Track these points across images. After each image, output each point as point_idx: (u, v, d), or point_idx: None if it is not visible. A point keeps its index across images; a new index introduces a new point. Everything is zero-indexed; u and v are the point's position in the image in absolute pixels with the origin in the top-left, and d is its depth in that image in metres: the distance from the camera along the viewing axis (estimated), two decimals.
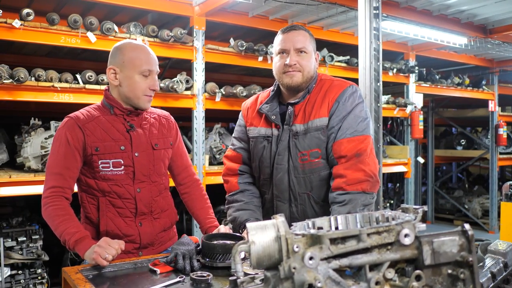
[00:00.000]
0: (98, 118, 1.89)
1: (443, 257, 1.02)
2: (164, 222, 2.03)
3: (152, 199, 1.96)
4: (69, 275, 1.53)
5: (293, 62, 1.97)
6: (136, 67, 1.86)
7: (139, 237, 1.93)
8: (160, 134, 2.02)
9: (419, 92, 6.63)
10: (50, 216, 1.80)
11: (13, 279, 3.74)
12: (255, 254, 1.05)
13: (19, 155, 3.89)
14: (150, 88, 1.90)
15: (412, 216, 1.11)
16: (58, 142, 1.85)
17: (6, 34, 3.54)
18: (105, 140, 1.86)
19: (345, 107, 1.94)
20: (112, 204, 1.90)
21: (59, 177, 1.83)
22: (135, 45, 1.93)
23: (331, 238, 1.03)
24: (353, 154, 1.89)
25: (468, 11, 5.03)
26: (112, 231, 1.89)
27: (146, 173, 1.94)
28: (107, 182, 1.87)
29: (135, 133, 1.92)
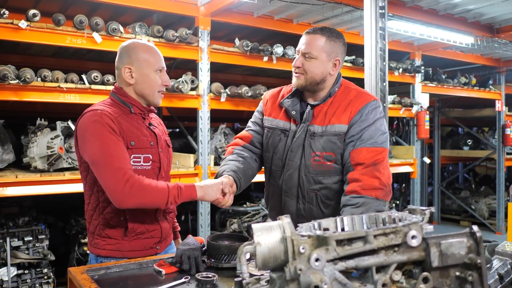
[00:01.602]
0: (123, 115, 1.88)
1: (451, 259, 1.01)
2: (172, 216, 2.11)
3: None
4: (75, 276, 1.53)
5: (297, 64, 2.04)
6: (151, 65, 1.92)
7: (160, 231, 1.97)
8: (164, 133, 2.12)
9: (425, 92, 6.59)
10: (151, 191, 1.74)
11: (19, 279, 3.76)
12: (260, 255, 1.04)
13: (26, 155, 3.90)
14: (163, 84, 1.97)
15: (419, 217, 1.10)
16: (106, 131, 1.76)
17: (13, 35, 3.56)
18: (137, 135, 1.88)
19: (367, 118, 1.99)
20: None
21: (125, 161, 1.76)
22: (147, 45, 1.99)
23: (337, 240, 1.02)
24: (371, 163, 1.94)
25: (475, 10, 4.99)
26: (138, 228, 1.89)
27: (166, 169, 2.03)
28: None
29: (156, 130, 2.00)
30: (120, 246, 1.88)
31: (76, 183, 3.82)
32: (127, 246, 1.88)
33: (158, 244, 2.00)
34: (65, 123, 3.96)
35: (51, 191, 3.72)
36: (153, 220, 1.94)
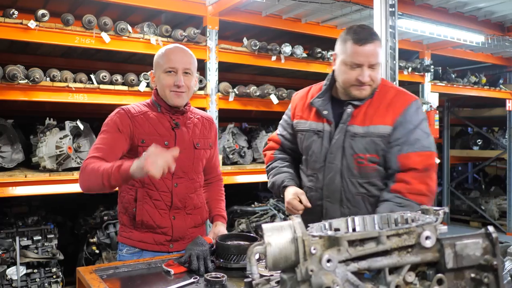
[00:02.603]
0: (147, 113, 2.03)
1: (466, 261, 0.99)
2: (195, 219, 2.12)
3: (187, 195, 2.06)
4: (84, 275, 1.52)
5: (367, 78, 1.92)
6: (160, 67, 2.02)
7: (172, 229, 2.01)
8: (201, 135, 2.14)
9: (435, 91, 6.53)
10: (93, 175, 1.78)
11: (28, 278, 3.77)
12: (271, 255, 1.03)
13: (35, 155, 3.91)
14: (174, 84, 1.98)
15: (433, 218, 1.08)
16: (107, 126, 1.98)
17: (22, 35, 3.57)
18: (151, 134, 1.98)
19: (412, 121, 1.93)
20: (149, 195, 1.99)
21: (100, 151, 1.89)
22: (165, 49, 2.07)
23: (349, 240, 1.01)
24: (423, 168, 1.89)
25: (486, 9, 4.94)
26: (147, 222, 1.98)
27: (186, 170, 2.04)
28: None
29: (179, 131, 2.04)
30: (132, 235, 2.02)
31: None
32: (137, 236, 2.01)
33: (172, 243, 2.03)
34: (74, 122, 3.97)
35: (60, 191, 3.73)
36: (165, 216, 2.00)
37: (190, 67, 2.02)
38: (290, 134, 2.21)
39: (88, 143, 4.23)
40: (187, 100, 2.08)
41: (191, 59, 2.06)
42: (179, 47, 2.09)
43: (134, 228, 2.01)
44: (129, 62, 5.30)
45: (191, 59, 2.07)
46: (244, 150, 4.86)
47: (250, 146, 5.12)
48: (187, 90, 2.02)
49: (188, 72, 2.01)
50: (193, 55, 2.11)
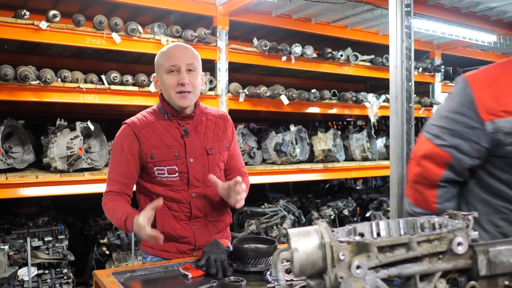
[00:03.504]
0: (154, 124, 1.92)
1: (500, 268, 0.96)
2: (218, 225, 2.04)
3: (207, 204, 1.97)
4: (101, 279, 1.51)
5: None
6: (161, 67, 1.91)
7: (194, 238, 1.95)
8: (215, 138, 2.00)
9: (445, 91, 6.48)
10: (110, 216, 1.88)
11: (39, 279, 3.77)
12: (298, 261, 1.00)
13: (46, 155, 3.92)
14: (178, 83, 1.86)
15: (463, 223, 1.05)
16: (115, 150, 1.93)
17: (33, 36, 3.57)
18: (160, 147, 1.88)
19: None
20: (168, 207, 1.93)
21: (115, 183, 1.91)
22: (164, 48, 1.97)
23: (379, 246, 0.98)
24: None
25: (498, 8, 4.88)
26: (168, 232, 1.92)
27: (201, 178, 1.94)
28: (163, 187, 1.91)
29: (189, 138, 1.93)
30: (154, 245, 1.94)
31: (95, 183, 3.82)
32: (160, 246, 1.90)
33: (195, 251, 1.98)
34: (84, 123, 3.97)
35: (70, 192, 3.73)
36: (185, 227, 1.95)
37: (193, 63, 1.90)
38: (478, 146, 1.48)
39: (98, 144, 4.23)
40: (195, 100, 1.94)
41: (193, 54, 1.93)
42: (179, 44, 1.97)
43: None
44: (139, 63, 5.30)
45: (194, 54, 1.94)
46: (254, 151, 4.84)
47: (259, 146, 5.10)
48: (193, 89, 1.88)
49: (191, 69, 1.89)
50: (195, 51, 1.97)
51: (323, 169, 5.18)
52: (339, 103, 5.47)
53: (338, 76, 5.95)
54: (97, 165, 4.02)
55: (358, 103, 5.49)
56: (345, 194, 6.61)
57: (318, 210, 5.62)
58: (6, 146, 3.75)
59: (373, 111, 5.41)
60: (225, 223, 2.08)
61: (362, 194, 6.69)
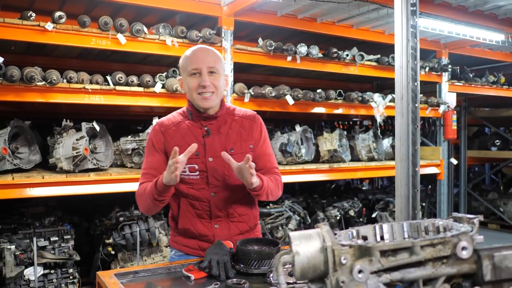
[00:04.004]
0: (180, 124, 2.01)
1: (505, 273, 0.94)
2: (241, 226, 2.04)
3: (227, 203, 1.98)
4: (104, 280, 1.51)
5: None
6: (185, 70, 1.98)
7: (214, 238, 1.97)
8: (238, 138, 2.01)
9: (452, 91, 6.43)
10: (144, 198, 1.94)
11: (45, 278, 3.79)
12: (299, 265, 0.99)
13: (52, 156, 3.93)
14: (200, 85, 1.92)
15: (468, 227, 1.03)
16: (147, 146, 2.06)
17: (39, 37, 3.59)
18: (181, 145, 1.89)
19: None
20: (191, 205, 1.99)
21: (147, 176, 1.98)
22: (188, 51, 2.02)
23: (381, 250, 0.97)
24: None
25: (506, 7, 4.83)
26: (189, 230, 2.00)
27: (220, 178, 1.96)
28: (186, 185, 1.96)
29: (209, 138, 1.97)
30: (178, 240, 2.06)
31: (101, 183, 3.84)
32: (182, 241, 2.03)
33: None
34: (90, 124, 3.98)
35: (76, 192, 3.74)
36: (207, 225, 1.99)
37: (215, 66, 1.94)
38: None
39: (104, 144, 4.24)
40: (217, 101, 1.98)
41: (215, 57, 1.98)
42: (202, 47, 2.02)
43: (179, 234, 2.05)
44: (145, 63, 5.31)
45: (216, 57, 1.98)
46: None
47: None
48: (215, 90, 1.93)
49: (213, 71, 1.94)
50: (219, 54, 2.02)
51: (328, 169, 5.16)
52: (344, 103, 5.45)
53: (344, 76, 5.93)
54: (102, 166, 4.03)
55: (364, 103, 5.46)
56: (351, 194, 6.59)
57: (324, 210, 5.60)
58: (12, 146, 3.78)
59: (379, 111, 5.38)
60: (249, 225, 2.07)
61: (368, 194, 6.66)
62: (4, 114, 4.68)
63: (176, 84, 4.10)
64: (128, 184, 3.99)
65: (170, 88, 4.11)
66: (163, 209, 4.86)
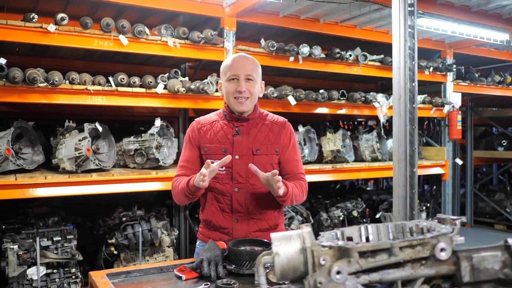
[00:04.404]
0: (214, 123, 2.19)
1: (484, 274, 0.94)
2: (260, 224, 2.13)
3: (248, 200, 2.10)
4: (95, 280, 1.52)
5: None
6: (224, 75, 2.14)
7: (232, 231, 2.11)
8: (265, 141, 2.14)
9: (457, 91, 6.38)
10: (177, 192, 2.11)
11: (48, 278, 3.82)
12: (279, 266, 1.00)
13: (54, 156, 3.97)
14: (236, 90, 2.07)
15: (449, 228, 1.03)
16: (185, 141, 2.25)
17: (42, 39, 3.62)
18: (213, 142, 2.13)
19: None
20: (216, 199, 2.14)
21: (183, 168, 2.18)
22: (230, 57, 2.18)
23: (360, 251, 0.97)
24: None
25: (510, 6, 4.79)
26: (211, 222, 2.15)
27: (244, 175, 2.10)
28: (213, 179, 2.08)
29: (238, 138, 2.12)
30: (203, 231, 2.20)
31: (103, 184, 3.87)
32: (206, 232, 2.17)
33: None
34: (93, 125, 4.02)
35: (79, 192, 3.78)
36: (228, 219, 2.12)
37: (252, 74, 2.10)
38: None
39: (106, 145, 4.28)
40: (251, 106, 2.13)
41: (254, 65, 2.14)
42: (242, 55, 2.18)
43: (204, 226, 2.20)
44: (148, 64, 5.34)
45: (254, 65, 2.14)
46: None
47: None
48: (250, 96, 2.09)
49: (250, 79, 2.09)
50: (257, 63, 2.19)
51: (331, 169, 5.16)
52: (348, 104, 5.43)
53: (349, 76, 5.91)
54: (105, 166, 4.06)
55: (367, 103, 5.45)
56: (355, 195, 6.57)
57: (327, 211, 5.59)
58: (16, 147, 3.82)
59: (382, 111, 5.36)
60: (269, 224, 2.15)
61: (373, 195, 6.64)
62: (8, 115, 4.74)
63: (178, 85, 4.12)
64: (131, 185, 4.02)
65: (172, 89, 4.13)
66: (166, 209, 4.90)
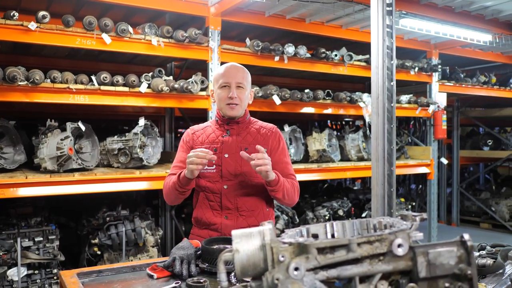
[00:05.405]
0: (207, 128, 2.35)
1: (440, 270, 0.95)
2: (250, 221, 2.20)
3: (237, 197, 2.20)
4: (64, 279, 1.51)
5: None
6: (216, 82, 2.28)
7: (221, 227, 2.19)
8: (253, 141, 2.26)
9: (443, 91, 6.43)
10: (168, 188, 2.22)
11: (29, 279, 3.79)
12: (239, 263, 0.99)
13: (36, 156, 3.93)
14: (228, 97, 2.20)
15: (408, 224, 1.04)
16: (179, 144, 2.39)
17: (22, 37, 3.58)
18: (203, 144, 2.27)
19: None
20: (207, 198, 2.24)
21: (176, 168, 2.27)
22: (222, 66, 2.31)
23: (318, 248, 0.97)
24: None
25: (493, 7, 4.84)
26: (201, 219, 2.24)
27: (233, 172, 2.20)
28: (204, 178, 2.23)
29: (228, 138, 2.25)
30: (194, 231, 2.30)
31: (86, 183, 3.83)
32: (196, 231, 2.27)
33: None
34: (75, 124, 3.98)
35: (60, 192, 3.74)
36: (217, 216, 2.20)
37: (242, 82, 2.23)
38: None
39: (90, 144, 4.25)
40: (241, 111, 2.26)
41: (244, 74, 2.28)
42: (234, 64, 2.32)
43: (195, 225, 2.30)
44: (133, 63, 5.32)
45: (245, 74, 2.28)
46: None
47: None
48: (240, 102, 2.22)
49: (241, 86, 2.22)
50: (248, 72, 2.32)
51: (317, 169, 5.17)
52: (333, 103, 5.45)
53: (335, 76, 5.93)
54: (88, 166, 4.03)
55: (353, 103, 5.47)
56: (342, 194, 6.59)
57: (313, 210, 5.61)
58: None
59: (368, 111, 5.38)
60: (258, 221, 2.20)
61: (359, 194, 6.67)
62: None
63: (162, 84, 4.10)
64: (114, 184, 3.99)
65: (155, 88, 4.11)
66: (151, 209, 4.88)
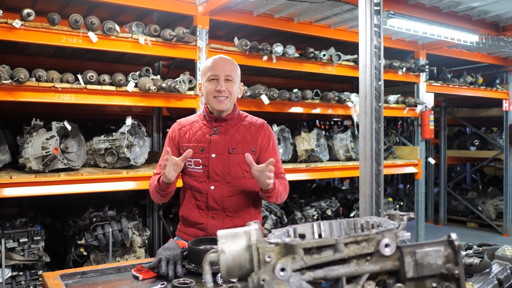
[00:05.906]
0: (194, 123, 2.27)
1: (427, 269, 0.94)
2: (236, 221, 2.18)
3: (223, 198, 2.17)
4: (47, 281, 1.48)
5: None
6: (204, 75, 2.21)
7: (207, 226, 2.18)
8: (242, 140, 2.21)
9: (430, 91, 6.48)
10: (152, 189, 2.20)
11: (14, 281, 3.73)
12: (224, 264, 0.98)
13: (21, 155, 3.87)
14: (216, 90, 2.13)
15: (395, 224, 1.03)
16: (166, 140, 2.35)
17: (7, 35, 3.52)
18: (190, 142, 2.21)
19: None
20: (193, 196, 2.22)
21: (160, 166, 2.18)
22: (210, 59, 2.23)
23: (305, 248, 0.96)
24: None
25: (479, 8, 4.88)
26: (187, 218, 2.23)
27: (220, 173, 2.16)
28: (191, 177, 2.21)
29: (215, 137, 2.19)
30: (181, 228, 2.30)
31: (72, 184, 3.78)
32: (183, 229, 2.27)
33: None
34: (61, 123, 3.93)
35: (45, 192, 3.68)
36: (203, 215, 2.19)
37: (231, 74, 2.17)
38: None
39: (76, 144, 4.19)
40: (230, 105, 2.19)
41: (233, 67, 2.20)
42: (222, 57, 2.24)
43: (181, 223, 2.29)
44: (120, 62, 5.26)
45: (233, 67, 2.21)
46: None
47: None
48: (229, 95, 2.16)
49: (229, 79, 2.16)
50: (236, 65, 2.25)
51: (306, 169, 5.17)
52: (322, 103, 5.45)
53: (324, 76, 5.93)
54: (74, 165, 3.98)
55: (341, 103, 5.48)
56: (331, 194, 6.60)
57: (302, 210, 5.61)
58: None
59: (356, 111, 5.39)
60: (244, 221, 2.17)
61: (347, 194, 6.69)
62: None
63: (149, 84, 4.06)
64: (100, 184, 3.94)
65: (143, 88, 4.07)
66: (138, 209, 4.83)
